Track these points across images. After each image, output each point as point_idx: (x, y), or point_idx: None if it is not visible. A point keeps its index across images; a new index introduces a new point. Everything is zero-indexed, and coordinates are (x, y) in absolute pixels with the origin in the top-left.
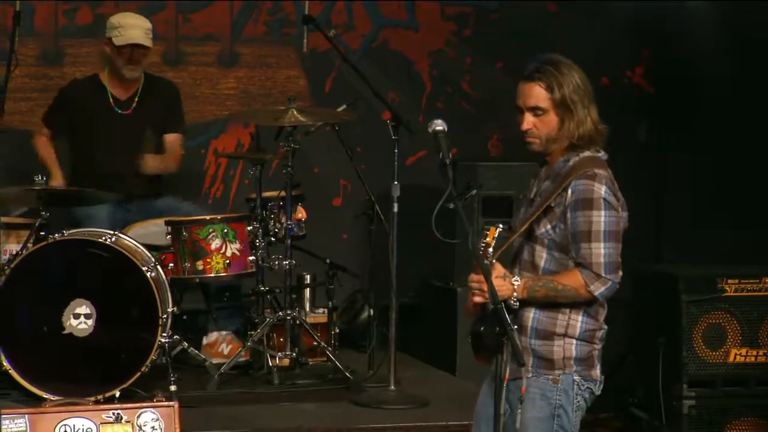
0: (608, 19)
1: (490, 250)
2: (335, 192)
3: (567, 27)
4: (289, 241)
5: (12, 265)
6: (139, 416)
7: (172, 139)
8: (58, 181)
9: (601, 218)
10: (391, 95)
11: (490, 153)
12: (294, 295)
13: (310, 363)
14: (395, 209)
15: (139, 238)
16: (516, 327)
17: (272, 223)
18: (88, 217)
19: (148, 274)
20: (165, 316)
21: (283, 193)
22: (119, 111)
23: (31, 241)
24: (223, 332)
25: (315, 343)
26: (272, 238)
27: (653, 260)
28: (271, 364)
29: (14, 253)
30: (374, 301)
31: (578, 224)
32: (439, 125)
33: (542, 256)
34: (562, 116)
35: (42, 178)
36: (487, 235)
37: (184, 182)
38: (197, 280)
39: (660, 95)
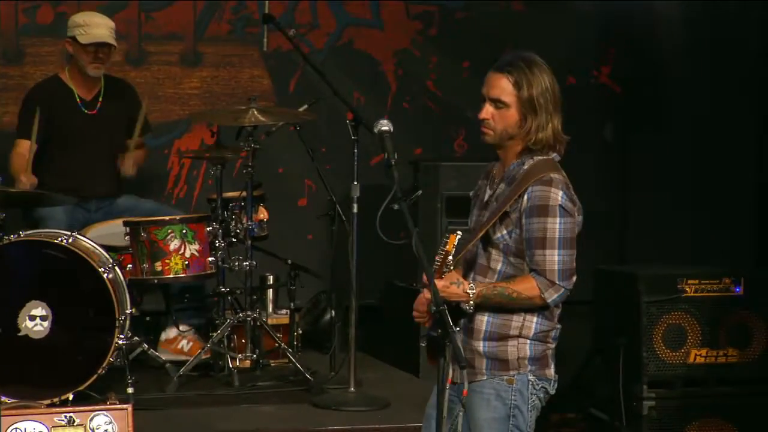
0: (574, 18)
1: (450, 258)
2: (300, 192)
3: (533, 26)
4: (249, 242)
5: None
6: (92, 419)
7: (138, 143)
8: (24, 183)
9: (556, 225)
10: (356, 95)
11: (456, 153)
12: (254, 297)
13: (272, 364)
14: (355, 209)
15: (98, 239)
16: (464, 330)
17: (233, 224)
18: (46, 218)
19: (105, 276)
20: (122, 317)
21: (244, 194)
22: (85, 111)
23: None
24: (182, 329)
25: (276, 345)
26: (233, 239)
27: (618, 260)
28: (231, 365)
29: None
30: (337, 303)
31: (533, 231)
32: (385, 125)
33: (498, 261)
34: (524, 115)
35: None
36: (447, 243)
37: (148, 182)
38: (156, 281)
39: (626, 95)
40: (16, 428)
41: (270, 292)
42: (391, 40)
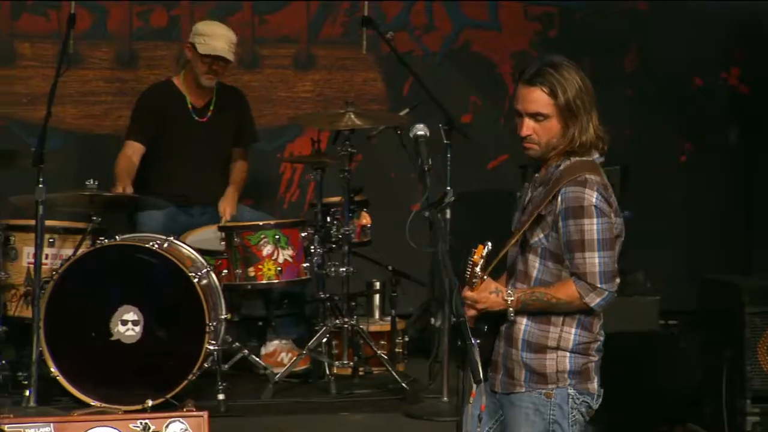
0: (701, 19)
1: (477, 269)
2: (414, 197)
3: (658, 26)
4: (346, 248)
5: (61, 270)
6: (167, 426)
7: (239, 154)
8: (120, 188)
9: (593, 226)
10: (473, 98)
11: None
12: (353, 303)
13: (375, 372)
14: (447, 215)
15: (196, 244)
16: (504, 337)
17: (334, 229)
18: (145, 222)
19: (196, 281)
20: (214, 323)
21: (337, 199)
22: (196, 118)
23: (85, 246)
24: (283, 341)
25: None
26: (333, 245)
27: (743, 266)
28: (330, 373)
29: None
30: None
31: (570, 233)
32: (420, 130)
33: (535, 266)
34: (566, 122)
35: (94, 183)
36: (474, 253)
37: (260, 187)
38: (249, 286)
39: (754, 97)
40: None
41: (377, 298)
42: (509, 42)
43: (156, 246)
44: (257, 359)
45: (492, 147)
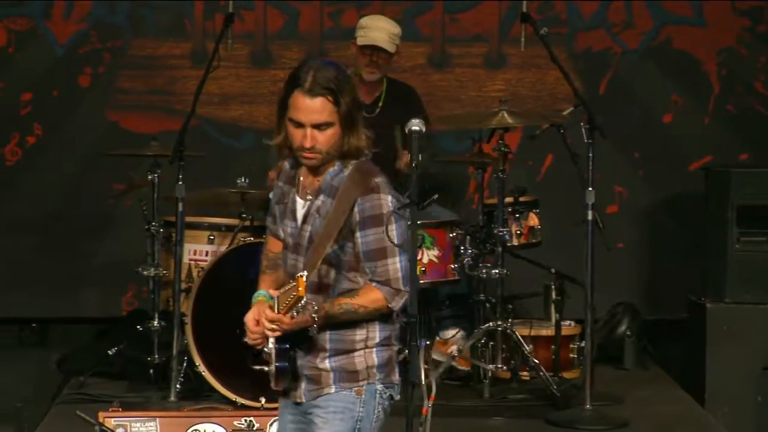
0: None
1: (303, 302)
2: (610, 199)
3: None
4: (500, 249)
5: (207, 268)
6: (271, 424)
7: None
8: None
9: (393, 232)
10: (674, 97)
11: None
12: (510, 306)
13: (534, 377)
14: (589, 217)
15: None
16: (306, 349)
17: (496, 230)
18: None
19: None
20: None
21: (510, 199)
22: (364, 114)
23: (235, 243)
24: (459, 335)
25: (553, 357)
26: (492, 246)
27: None
28: (484, 376)
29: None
30: (632, 315)
31: (371, 243)
32: (416, 125)
33: (331, 276)
34: (345, 129)
35: (245, 181)
36: (297, 287)
37: (449, 186)
38: None
39: None
40: (195, 430)
41: (546, 301)
42: (715, 39)
43: None
44: None
45: (696, 147)
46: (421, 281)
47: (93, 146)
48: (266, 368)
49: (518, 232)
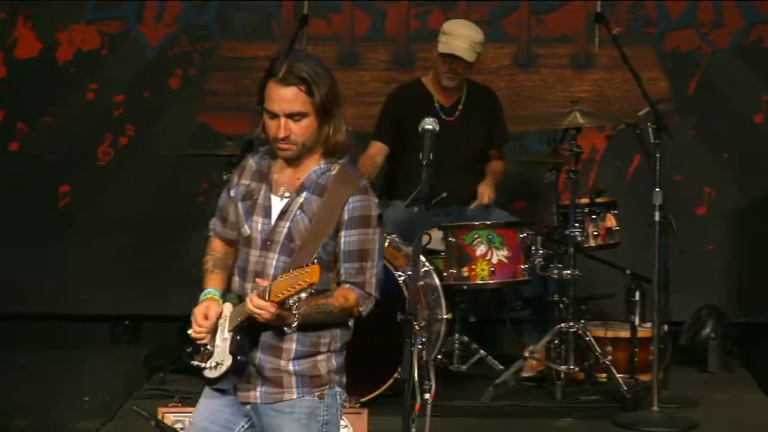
0: None
1: (312, 289)
2: (698, 200)
3: None
4: (572, 250)
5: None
6: None
7: (495, 155)
8: None
9: (376, 236)
10: (765, 96)
11: None
12: (583, 307)
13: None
14: (656, 218)
15: (431, 243)
16: (267, 349)
17: (576, 231)
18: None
19: (401, 279)
20: (422, 323)
21: (585, 200)
22: (443, 117)
23: None
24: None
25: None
26: (572, 248)
27: None
28: (556, 377)
29: None
30: (717, 318)
31: (353, 243)
32: (429, 124)
33: None
34: (321, 121)
35: None
36: (311, 273)
37: (534, 188)
38: (464, 287)
39: None
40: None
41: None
42: None
43: None
44: (494, 361)
45: None
46: (490, 281)
47: (183, 147)
48: (204, 365)
49: (595, 233)
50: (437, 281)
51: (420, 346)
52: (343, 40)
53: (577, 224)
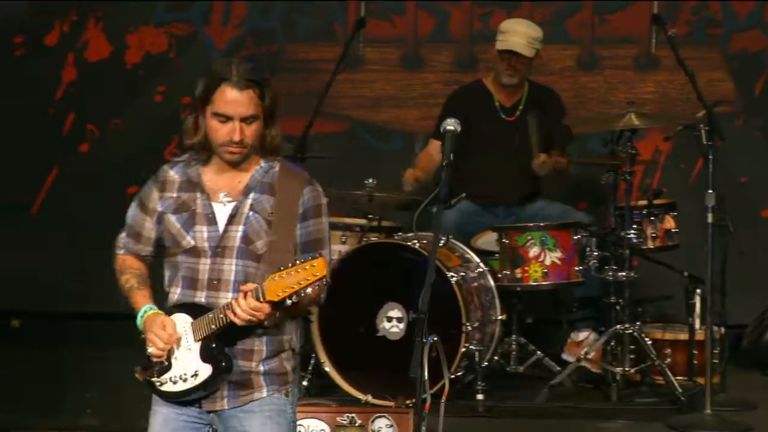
0: None
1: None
2: (764, 203)
3: None
4: (627, 251)
5: (332, 267)
6: (373, 421)
7: (558, 154)
8: (407, 178)
9: (327, 224)
10: None
11: None
12: (640, 309)
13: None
14: (709, 219)
15: (486, 245)
16: (237, 353)
17: (632, 233)
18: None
19: (453, 280)
20: (473, 324)
21: (644, 201)
22: (503, 117)
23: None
24: (592, 336)
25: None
26: (627, 250)
27: None
28: (612, 379)
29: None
30: None
31: (312, 233)
32: (451, 125)
33: (259, 270)
34: (266, 123)
35: (372, 182)
36: (316, 267)
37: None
38: (518, 288)
39: None
40: (299, 425)
41: (697, 306)
42: None
43: (417, 244)
44: (551, 362)
45: None
46: (543, 283)
47: None
48: (159, 379)
49: (653, 234)
50: (492, 282)
51: (473, 348)
52: (407, 42)
53: (634, 226)
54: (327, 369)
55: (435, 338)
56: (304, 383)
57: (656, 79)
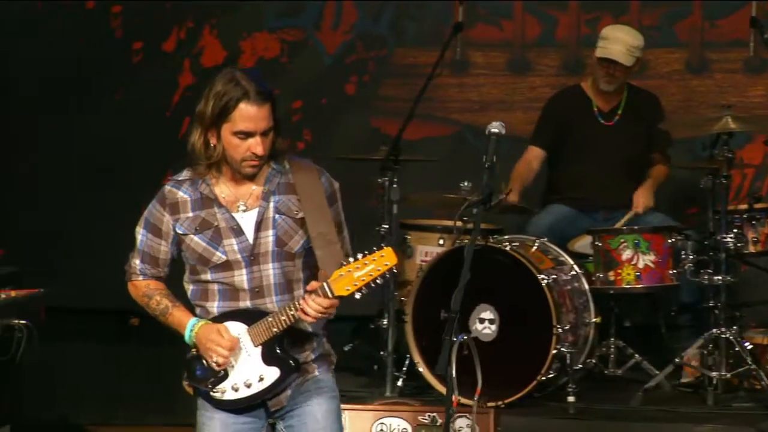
0: None
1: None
2: None
3: None
4: (723, 255)
5: (425, 269)
6: (454, 420)
7: (658, 159)
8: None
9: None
10: None
11: None
12: (738, 313)
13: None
14: None
15: (583, 248)
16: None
17: (730, 237)
18: (531, 224)
19: (544, 283)
20: (564, 326)
21: (744, 206)
22: (602, 121)
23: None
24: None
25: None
26: (723, 254)
27: None
28: (709, 383)
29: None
30: None
31: (336, 217)
32: (496, 127)
33: (301, 270)
34: (276, 132)
35: (467, 185)
36: (386, 257)
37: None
38: (611, 291)
39: None
40: (381, 423)
41: None
42: None
43: (509, 247)
44: (650, 366)
45: None
46: (636, 286)
47: (357, 151)
48: (218, 389)
49: (755, 238)
50: (586, 285)
51: (565, 350)
52: (514, 46)
53: (735, 230)
54: (421, 369)
55: (465, 337)
56: (398, 383)
57: (767, 83)
